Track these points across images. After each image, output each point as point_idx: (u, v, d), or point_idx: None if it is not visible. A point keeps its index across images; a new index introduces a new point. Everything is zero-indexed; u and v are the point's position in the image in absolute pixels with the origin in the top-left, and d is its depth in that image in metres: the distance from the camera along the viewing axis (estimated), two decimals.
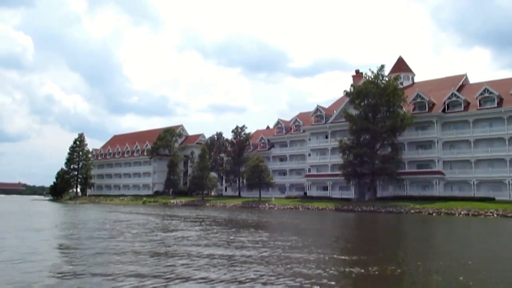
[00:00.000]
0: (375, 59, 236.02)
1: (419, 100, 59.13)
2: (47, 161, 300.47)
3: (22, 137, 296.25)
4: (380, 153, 55.66)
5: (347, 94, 58.40)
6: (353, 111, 58.83)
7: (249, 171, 66.28)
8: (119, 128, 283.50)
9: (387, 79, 56.87)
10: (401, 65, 73.70)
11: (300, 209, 56.38)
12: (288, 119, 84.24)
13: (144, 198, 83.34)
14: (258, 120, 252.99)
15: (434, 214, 45.18)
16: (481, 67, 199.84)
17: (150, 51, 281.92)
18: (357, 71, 79.25)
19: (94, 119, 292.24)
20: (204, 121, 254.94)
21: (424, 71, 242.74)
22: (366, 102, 56.18)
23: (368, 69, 63.79)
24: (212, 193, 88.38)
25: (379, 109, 54.86)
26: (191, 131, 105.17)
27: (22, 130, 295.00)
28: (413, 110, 59.31)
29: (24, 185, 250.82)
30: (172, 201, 76.98)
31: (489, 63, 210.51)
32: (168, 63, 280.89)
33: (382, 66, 57.15)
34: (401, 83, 55.75)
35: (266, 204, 62.50)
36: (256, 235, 20.57)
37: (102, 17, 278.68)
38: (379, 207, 50.62)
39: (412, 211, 47.53)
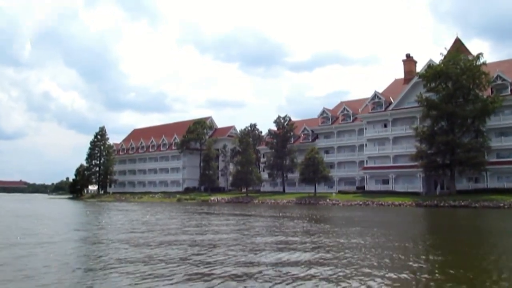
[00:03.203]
0: (375, 52, 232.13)
1: (499, 82, 53.08)
2: (44, 158, 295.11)
3: (19, 135, 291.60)
4: (461, 141, 49.55)
5: (421, 76, 52.21)
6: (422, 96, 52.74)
7: (304, 164, 60.11)
8: (117, 125, 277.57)
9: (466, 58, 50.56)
10: (459, 47, 67.46)
11: (371, 205, 50.42)
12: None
13: (178, 196, 77.22)
14: (257, 114, 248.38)
15: None
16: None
17: (147, 46, 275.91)
18: (407, 55, 73.39)
19: (92, 116, 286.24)
20: (203, 116, 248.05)
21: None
22: (444, 85, 50.08)
23: (444, 48, 57.52)
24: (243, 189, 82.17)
25: (463, 92, 48.75)
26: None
27: (20, 127, 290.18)
28: (491, 93, 53.34)
29: (25, 183, 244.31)
30: (212, 198, 70.77)
31: (487, 56, 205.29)
32: (165, 58, 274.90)
33: (461, 42, 51.04)
34: (484, 63, 49.56)
35: (327, 200, 56.48)
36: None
37: (100, 12, 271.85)
38: (471, 201, 44.68)
39: None
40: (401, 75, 72.33)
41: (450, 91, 48.65)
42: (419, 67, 68.91)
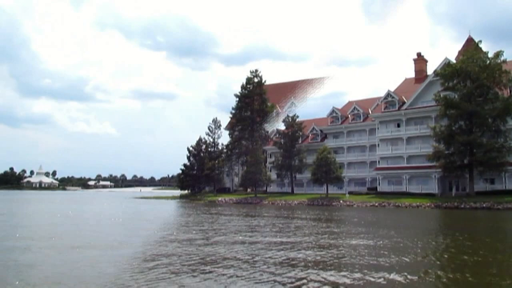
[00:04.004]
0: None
1: None
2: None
3: None
4: (481, 141, 48.26)
5: (439, 74, 50.91)
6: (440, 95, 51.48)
7: (316, 164, 58.71)
8: None
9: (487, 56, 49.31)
10: (476, 46, 66.08)
11: (387, 206, 49.06)
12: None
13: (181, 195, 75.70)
14: (187, 108, 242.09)
15: None
16: None
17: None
18: (418, 54, 72.32)
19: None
20: (129, 108, 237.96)
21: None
22: (463, 83, 48.81)
23: (462, 45, 56.39)
24: (248, 190, 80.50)
25: (482, 91, 47.50)
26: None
27: None
28: (510, 92, 52.17)
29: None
30: (219, 199, 69.13)
31: None
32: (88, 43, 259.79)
33: (480, 42, 49.98)
34: (505, 61, 48.30)
35: (341, 201, 55.05)
36: None
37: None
38: (493, 203, 43.38)
39: None
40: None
41: (469, 90, 47.35)
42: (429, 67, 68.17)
